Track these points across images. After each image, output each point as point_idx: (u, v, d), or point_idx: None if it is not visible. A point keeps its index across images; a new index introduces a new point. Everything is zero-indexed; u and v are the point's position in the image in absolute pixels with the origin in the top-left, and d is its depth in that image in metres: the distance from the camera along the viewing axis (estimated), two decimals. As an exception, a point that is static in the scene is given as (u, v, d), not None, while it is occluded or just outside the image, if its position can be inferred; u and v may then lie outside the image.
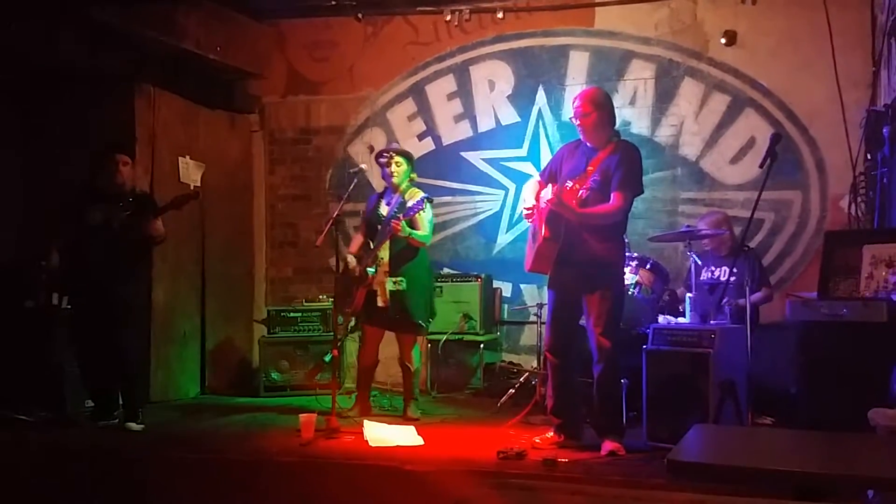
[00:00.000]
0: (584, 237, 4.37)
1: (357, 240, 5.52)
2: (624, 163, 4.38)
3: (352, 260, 5.32)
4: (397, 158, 5.33)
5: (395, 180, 5.32)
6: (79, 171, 6.02)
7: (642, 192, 4.53)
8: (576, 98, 4.55)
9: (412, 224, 5.17)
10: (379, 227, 5.25)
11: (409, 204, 5.14)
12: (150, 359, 6.15)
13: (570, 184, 4.41)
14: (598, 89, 4.70)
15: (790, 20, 6.14)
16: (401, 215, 5.09)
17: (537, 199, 4.55)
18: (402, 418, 5.26)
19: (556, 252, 4.39)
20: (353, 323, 5.39)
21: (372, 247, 5.25)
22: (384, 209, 5.32)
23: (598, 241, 4.37)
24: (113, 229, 5.03)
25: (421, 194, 5.20)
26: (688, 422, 3.74)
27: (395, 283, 5.12)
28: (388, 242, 5.18)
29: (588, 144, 4.52)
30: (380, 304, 5.15)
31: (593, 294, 4.39)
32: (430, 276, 5.46)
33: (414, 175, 5.44)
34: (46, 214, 5.85)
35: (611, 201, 4.35)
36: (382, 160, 5.38)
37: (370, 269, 5.15)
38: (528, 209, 4.54)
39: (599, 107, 4.46)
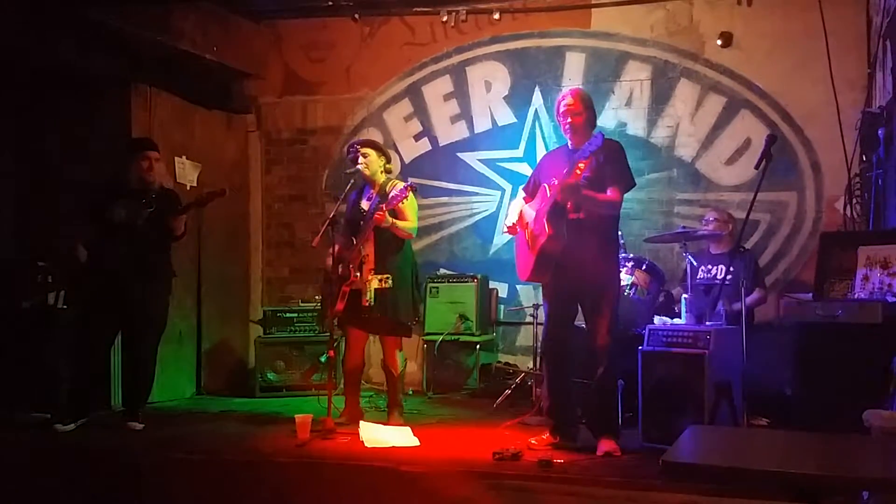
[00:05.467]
0: (584, 236, 4.32)
1: (338, 242, 5.20)
2: (611, 160, 4.38)
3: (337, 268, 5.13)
4: (363, 150, 5.18)
5: (367, 172, 5.14)
6: (75, 172, 6.02)
7: (635, 185, 4.51)
8: (566, 96, 4.49)
9: (396, 215, 4.98)
10: (362, 223, 5.07)
11: (392, 194, 4.95)
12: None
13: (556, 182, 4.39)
14: (583, 90, 4.71)
15: (786, 22, 6.16)
16: (383, 205, 4.90)
17: (520, 217, 4.54)
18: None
19: (560, 250, 4.29)
20: (335, 324, 5.22)
21: (354, 244, 5.04)
22: (365, 204, 5.16)
23: (596, 241, 4.36)
24: (136, 227, 4.96)
25: (403, 183, 5.04)
26: (683, 423, 3.78)
27: (380, 280, 4.94)
28: (371, 238, 4.99)
29: (570, 146, 4.50)
30: (364, 303, 4.92)
31: (591, 297, 4.39)
32: (414, 273, 5.23)
33: (390, 166, 5.30)
34: (60, 214, 5.81)
35: (608, 195, 4.34)
36: (350, 156, 5.23)
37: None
38: (510, 227, 4.54)
39: (589, 107, 4.49)
